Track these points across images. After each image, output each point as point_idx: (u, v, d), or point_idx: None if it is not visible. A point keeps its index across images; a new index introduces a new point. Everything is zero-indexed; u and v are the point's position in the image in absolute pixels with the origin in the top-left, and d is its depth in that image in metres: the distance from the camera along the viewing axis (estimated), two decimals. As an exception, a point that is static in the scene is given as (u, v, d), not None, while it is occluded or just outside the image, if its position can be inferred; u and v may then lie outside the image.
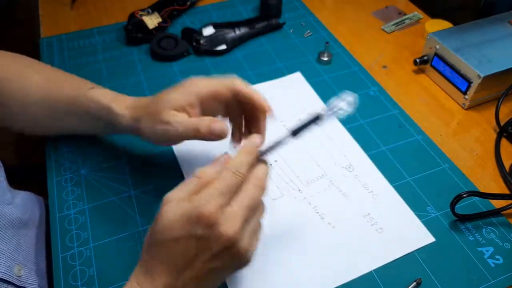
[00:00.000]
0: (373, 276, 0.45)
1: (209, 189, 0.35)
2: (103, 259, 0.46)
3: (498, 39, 0.65)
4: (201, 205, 0.34)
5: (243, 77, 0.67)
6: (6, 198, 0.50)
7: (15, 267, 0.46)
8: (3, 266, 0.44)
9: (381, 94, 0.66)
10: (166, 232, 0.34)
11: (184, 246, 0.34)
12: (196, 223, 0.34)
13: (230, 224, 0.34)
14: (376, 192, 0.53)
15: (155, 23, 0.74)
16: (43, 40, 0.74)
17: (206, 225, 0.33)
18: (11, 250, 0.46)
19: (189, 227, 0.34)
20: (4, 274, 0.44)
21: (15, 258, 0.46)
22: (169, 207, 0.35)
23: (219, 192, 0.35)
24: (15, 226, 0.48)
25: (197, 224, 0.34)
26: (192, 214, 0.34)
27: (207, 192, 0.35)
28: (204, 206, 0.33)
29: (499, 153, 0.58)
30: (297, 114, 0.62)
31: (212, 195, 0.34)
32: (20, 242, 0.49)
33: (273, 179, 0.54)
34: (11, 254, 0.46)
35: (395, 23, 0.80)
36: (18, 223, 0.49)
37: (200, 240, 0.34)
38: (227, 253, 0.35)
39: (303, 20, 0.80)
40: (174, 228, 0.34)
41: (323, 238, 0.48)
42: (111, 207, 0.51)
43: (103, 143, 0.58)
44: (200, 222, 0.33)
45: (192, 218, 0.34)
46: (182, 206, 0.34)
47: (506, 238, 0.49)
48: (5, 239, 0.46)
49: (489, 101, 0.65)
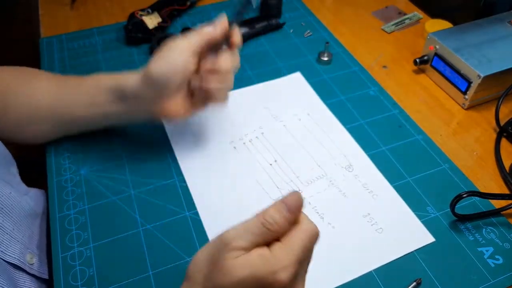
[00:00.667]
0: (373, 276, 0.45)
1: (287, 253, 0.31)
2: (103, 259, 0.46)
3: (498, 39, 0.65)
4: (278, 271, 0.30)
5: (243, 77, 0.68)
6: (21, 189, 0.51)
7: (27, 254, 0.47)
8: (17, 253, 0.45)
9: (381, 94, 0.66)
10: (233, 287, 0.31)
11: None
12: (269, 286, 0.31)
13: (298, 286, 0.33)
14: (376, 192, 0.53)
15: (155, 23, 0.74)
16: (43, 40, 0.74)
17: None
18: (26, 238, 0.47)
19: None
20: (18, 260, 0.45)
21: (28, 246, 0.47)
22: (237, 261, 0.31)
23: (299, 257, 0.31)
24: (29, 216, 0.50)
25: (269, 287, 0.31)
26: (267, 278, 0.30)
27: (285, 255, 0.31)
28: (282, 273, 0.30)
29: (499, 153, 0.58)
30: (297, 114, 0.62)
31: (290, 262, 0.31)
32: (33, 232, 0.50)
33: (273, 179, 0.54)
34: (26, 242, 0.47)
35: (395, 23, 0.80)
36: (32, 213, 0.51)
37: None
38: None
39: (303, 20, 0.80)
40: (241, 285, 0.31)
41: (323, 238, 0.48)
42: (111, 207, 0.51)
43: (103, 143, 0.58)
44: (272, 286, 0.31)
45: (265, 282, 0.30)
46: (254, 265, 0.31)
47: (506, 238, 0.49)
48: (21, 227, 0.47)
49: (489, 101, 0.65)
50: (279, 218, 0.32)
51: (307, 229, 0.32)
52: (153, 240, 0.48)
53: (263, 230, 0.31)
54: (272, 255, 0.31)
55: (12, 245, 0.45)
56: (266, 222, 0.32)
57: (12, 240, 0.45)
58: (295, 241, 0.32)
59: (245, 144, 0.58)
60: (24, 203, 0.49)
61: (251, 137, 0.59)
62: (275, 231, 0.32)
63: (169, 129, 0.60)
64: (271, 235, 0.32)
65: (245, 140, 0.59)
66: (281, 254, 0.31)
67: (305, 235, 0.32)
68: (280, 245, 0.32)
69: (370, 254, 0.47)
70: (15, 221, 0.47)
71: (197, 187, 0.53)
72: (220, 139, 0.59)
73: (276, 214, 0.32)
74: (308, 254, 0.33)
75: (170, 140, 0.58)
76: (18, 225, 0.47)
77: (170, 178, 0.54)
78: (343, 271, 0.46)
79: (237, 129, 0.60)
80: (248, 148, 0.58)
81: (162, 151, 0.57)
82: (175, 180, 0.54)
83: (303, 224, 0.33)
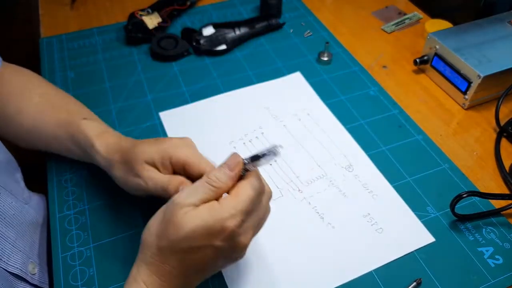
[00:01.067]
0: (373, 276, 0.45)
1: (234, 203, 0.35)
2: (103, 259, 0.46)
3: (498, 39, 0.65)
4: (225, 218, 0.34)
5: (243, 77, 0.68)
6: (24, 197, 0.51)
7: (29, 264, 0.46)
8: (19, 262, 0.45)
9: (381, 94, 0.66)
10: (186, 241, 0.34)
11: (202, 254, 0.35)
12: (218, 234, 0.34)
13: (246, 236, 0.36)
14: (376, 192, 0.53)
15: (155, 23, 0.74)
16: (43, 40, 0.74)
17: (227, 238, 0.34)
18: (28, 248, 0.47)
19: (211, 238, 0.34)
20: (20, 270, 0.44)
21: (30, 256, 0.47)
22: (187, 215, 0.34)
23: (244, 208, 0.35)
24: (31, 225, 0.50)
25: (219, 236, 0.34)
26: (215, 226, 0.34)
27: (231, 205, 0.35)
28: (228, 220, 0.34)
29: (499, 153, 0.58)
30: (297, 114, 0.62)
31: (236, 210, 0.34)
32: (35, 241, 0.50)
33: (273, 179, 0.54)
34: (27, 251, 0.47)
35: (395, 23, 0.80)
36: (34, 222, 0.50)
37: (218, 249, 0.35)
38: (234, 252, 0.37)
39: (303, 20, 0.80)
40: (195, 238, 0.34)
41: (323, 238, 0.48)
42: (111, 207, 0.51)
43: (103, 143, 0.58)
44: (222, 234, 0.34)
45: (214, 230, 0.34)
46: (202, 216, 0.34)
47: (506, 238, 0.49)
48: (23, 236, 0.47)
49: (489, 101, 0.65)
50: (220, 175, 0.36)
51: (255, 184, 0.36)
52: (153, 240, 0.48)
53: (209, 187, 0.35)
54: (219, 206, 0.35)
55: (14, 255, 0.44)
56: (210, 180, 0.36)
57: (14, 250, 0.45)
58: (241, 193, 0.35)
59: (245, 144, 0.58)
60: (25, 212, 0.49)
61: (251, 137, 0.59)
62: (219, 187, 0.36)
63: (170, 129, 0.60)
64: (216, 191, 0.35)
65: (245, 140, 0.59)
66: (227, 204, 0.35)
67: (251, 188, 0.36)
68: (228, 197, 0.35)
69: (370, 254, 0.47)
70: (17, 231, 0.46)
71: (197, 187, 0.53)
72: (220, 139, 0.59)
73: (217, 172, 0.36)
74: (256, 207, 0.36)
75: (170, 140, 0.58)
76: (20, 235, 0.47)
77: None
78: (343, 271, 0.46)
79: (237, 129, 0.60)
80: (248, 148, 0.57)
81: (162, 151, 0.57)
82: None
83: (252, 180, 0.36)
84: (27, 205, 0.50)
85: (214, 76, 0.68)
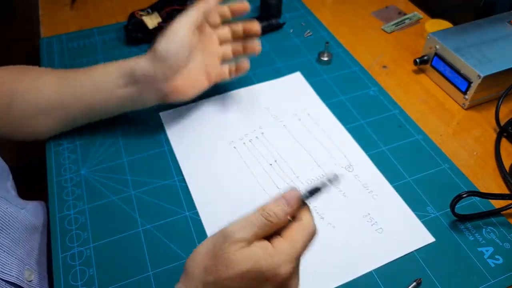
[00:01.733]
0: (373, 276, 0.45)
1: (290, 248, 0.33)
2: (103, 259, 0.46)
3: (498, 39, 0.65)
4: (280, 265, 0.32)
5: (243, 77, 0.68)
6: (19, 203, 0.51)
7: (25, 271, 0.46)
8: (15, 270, 0.44)
9: (381, 94, 0.66)
10: (236, 282, 0.32)
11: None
12: (270, 280, 0.33)
13: (295, 280, 0.34)
14: (376, 192, 0.53)
15: (155, 23, 0.74)
16: (43, 40, 0.74)
17: (278, 284, 0.33)
18: (24, 254, 0.47)
19: (262, 282, 0.33)
20: (16, 278, 0.44)
21: (27, 262, 0.47)
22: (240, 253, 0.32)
23: (298, 253, 0.33)
24: (28, 230, 0.49)
25: (271, 281, 0.33)
26: (269, 272, 0.32)
27: (287, 250, 0.33)
28: (282, 268, 0.32)
29: (499, 153, 0.58)
30: (297, 114, 0.62)
31: (292, 257, 0.33)
32: (33, 247, 0.49)
33: (273, 179, 0.54)
34: (24, 258, 0.46)
35: (395, 23, 0.80)
36: (31, 227, 0.50)
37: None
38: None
39: (303, 20, 0.80)
40: (246, 279, 0.32)
41: (323, 238, 0.48)
42: (111, 207, 0.51)
43: (103, 144, 0.58)
44: (274, 280, 0.33)
45: (267, 275, 0.32)
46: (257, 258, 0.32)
47: (506, 238, 0.49)
48: (19, 243, 0.47)
49: (489, 101, 0.65)
50: (278, 210, 0.34)
51: (308, 226, 0.34)
52: (153, 240, 0.48)
53: (264, 222, 0.33)
54: (274, 250, 0.33)
55: (9, 263, 0.44)
56: (267, 215, 0.33)
57: (10, 257, 0.44)
58: (297, 237, 0.33)
59: (245, 144, 0.58)
60: (22, 217, 0.48)
61: (251, 137, 0.59)
62: (275, 223, 0.33)
63: (170, 129, 0.60)
64: (271, 227, 0.33)
65: (245, 140, 0.59)
66: (283, 248, 0.33)
67: (306, 231, 0.34)
68: (282, 240, 0.33)
69: (370, 254, 0.47)
70: (13, 237, 0.46)
71: (197, 187, 0.53)
72: (220, 139, 0.59)
73: (275, 207, 0.34)
74: (307, 249, 0.34)
75: (170, 140, 0.58)
76: (16, 241, 0.46)
77: (170, 178, 0.54)
78: (343, 271, 0.46)
79: (237, 129, 0.60)
80: (248, 148, 0.58)
81: (162, 151, 0.57)
82: (175, 180, 0.54)
83: (305, 221, 0.34)
84: (23, 210, 0.50)
85: (214, 76, 0.68)
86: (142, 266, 0.46)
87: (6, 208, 0.47)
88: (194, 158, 0.56)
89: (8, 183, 0.53)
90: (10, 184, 0.53)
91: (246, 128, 0.60)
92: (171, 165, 0.55)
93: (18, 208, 0.49)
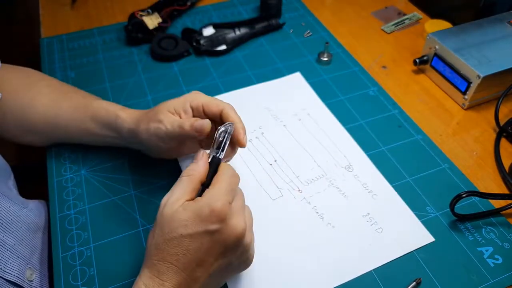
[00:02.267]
0: (373, 276, 0.45)
1: (216, 188, 0.37)
2: (103, 259, 0.47)
3: (498, 39, 0.65)
4: (212, 201, 0.35)
5: (243, 77, 0.68)
6: (21, 201, 0.51)
7: (27, 271, 0.46)
8: (16, 269, 0.44)
9: (380, 94, 0.66)
10: (178, 230, 0.35)
11: (198, 242, 0.35)
12: (209, 219, 0.35)
13: (238, 218, 0.36)
14: (375, 192, 0.53)
15: (155, 23, 0.74)
16: (43, 40, 0.74)
17: (218, 220, 0.35)
18: (27, 253, 0.47)
19: (203, 223, 0.35)
20: (17, 278, 0.44)
21: (29, 262, 0.47)
22: (174, 207, 0.36)
23: (226, 190, 0.37)
24: (31, 229, 0.49)
25: (210, 220, 0.35)
26: (204, 211, 0.35)
27: (214, 190, 0.37)
28: (215, 202, 0.35)
29: (499, 153, 0.58)
30: (297, 114, 0.62)
31: (220, 193, 0.36)
32: (35, 246, 0.49)
33: (273, 179, 0.54)
34: (27, 257, 0.47)
35: (395, 23, 0.80)
36: (33, 226, 0.50)
37: (214, 235, 0.35)
38: (238, 247, 0.37)
39: (303, 20, 0.80)
40: (187, 225, 0.35)
41: (322, 238, 0.48)
42: (111, 207, 0.51)
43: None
44: (212, 217, 0.35)
45: (204, 215, 0.35)
46: (189, 204, 0.36)
47: (506, 238, 0.49)
48: (23, 241, 0.47)
49: (489, 101, 0.65)
50: (190, 166, 0.39)
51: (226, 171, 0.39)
52: (153, 240, 0.48)
53: (184, 178, 0.38)
54: (202, 197, 0.37)
55: (11, 262, 0.44)
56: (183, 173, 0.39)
57: (12, 256, 0.44)
58: (218, 181, 0.38)
59: (245, 144, 0.58)
60: (24, 216, 0.49)
61: (251, 137, 0.59)
62: (192, 174, 0.39)
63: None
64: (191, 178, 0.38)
65: (245, 140, 0.59)
66: (209, 192, 0.37)
67: (226, 175, 0.38)
68: (207, 190, 0.37)
69: (370, 254, 0.47)
70: (16, 236, 0.46)
71: (197, 187, 0.53)
72: (220, 139, 0.59)
73: (188, 166, 0.39)
74: (233, 187, 0.38)
75: (170, 140, 0.58)
76: (19, 240, 0.46)
77: (170, 178, 0.54)
78: (343, 270, 0.46)
79: (237, 129, 0.60)
80: (248, 148, 0.58)
81: (162, 151, 0.57)
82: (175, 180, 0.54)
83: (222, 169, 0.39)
84: (25, 209, 0.50)
85: (214, 76, 0.68)
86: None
87: (9, 206, 0.47)
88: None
89: (10, 182, 0.53)
90: (12, 183, 0.53)
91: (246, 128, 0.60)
92: (171, 165, 0.55)
93: (21, 206, 0.49)
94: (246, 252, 0.38)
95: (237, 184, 0.40)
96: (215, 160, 0.41)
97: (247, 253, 0.39)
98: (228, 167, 0.40)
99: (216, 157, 0.41)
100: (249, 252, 0.39)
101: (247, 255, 0.39)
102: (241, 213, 0.38)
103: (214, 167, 0.40)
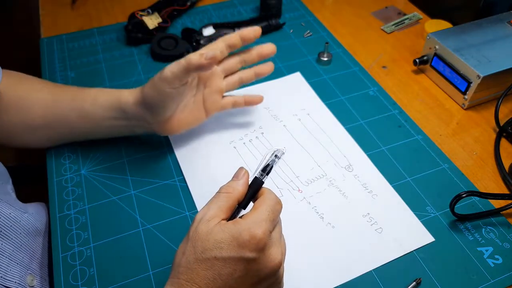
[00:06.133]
0: (373, 276, 0.45)
1: (259, 213, 0.35)
2: (103, 259, 0.47)
3: (497, 39, 0.65)
4: (253, 227, 0.34)
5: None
6: (21, 206, 0.50)
7: (28, 276, 0.45)
8: (17, 276, 0.44)
9: (380, 94, 0.66)
10: (212, 252, 0.33)
11: (231, 268, 0.33)
12: (247, 245, 0.33)
13: (276, 249, 0.35)
14: (375, 192, 0.53)
15: (155, 23, 0.74)
16: (43, 40, 0.74)
17: (257, 249, 0.33)
18: (27, 259, 0.46)
19: (240, 249, 0.33)
20: (18, 284, 0.43)
21: (29, 267, 0.46)
22: (210, 225, 0.34)
23: (269, 218, 0.35)
24: (30, 234, 0.49)
25: (248, 247, 0.33)
26: (243, 236, 0.33)
27: (257, 215, 0.35)
28: (257, 229, 0.33)
29: (499, 153, 0.58)
30: (297, 114, 0.62)
31: (262, 219, 0.35)
32: (35, 251, 0.49)
33: (273, 179, 0.54)
34: (26, 263, 0.46)
35: (395, 23, 0.80)
36: (33, 231, 0.49)
37: (249, 263, 0.34)
38: (271, 278, 0.35)
39: (303, 20, 0.80)
40: (222, 248, 0.33)
41: (322, 238, 0.48)
42: (111, 207, 0.51)
43: (103, 144, 0.58)
44: (251, 244, 0.33)
45: (242, 240, 0.33)
46: (227, 226, 0.34)
47: (506, 238, 0.49)
48: (22, 248, 0.46)
49: (489, 101, 0.65)
50: (230, 183, 0.38)
51: (268, 197, 0.37)
52: (153, 240, 0.48)
53: (222, 195, 0.37)
54: (243, 219, 0.35)
55: (11, 269, 0.43)
56: (221, 189, 0.37)
57: (12, 263, 0.44)
58: (260, 206, 0.36)
59: (245, 144, 0.58)
60: (24, 221, 0.48)
61: (251, 137, 0.59)
62: (231, 192, 0.37)
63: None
64: (229, 196, 0.37)
65: (245, 140, 0.59)
66: (250, 216, 0.35)
67: (268, 201, 0.36)
68: (248, 212, 0.36)
69: (370, 253, 0.47)
70: (15, 243, 0.45)
71: (197, 187, 0.53)
72: (220, 139, 0.59)
73: (227, 183, 0.38)
74: (277, 217, 0.37)
75: (170, 140, 0.58)
76: (18, 246, 0.46)
77: (170, 178, 0.54)
78: (343, 271, 0.46)
79: (237, 129, 0.60)
80: (248, 148, 0.58)
81: (162, 151, 0.57)
82: (175, 180, 0.54)
83: (265, 194, 0.38)
84: (26, 214, 0.49)
85: (214, 76, 0.68)
86: (142, 266, 0.46)
87: (10, 213, 0.46)
88: (194, 158, 0.56)
89: (8, 186, 0.52)
90: (10, 187, 0.53)
91: (246, 128, 0.60)
92: (171, 165, 0.56)
93: (21, 212, 0.48)
94: (278, 284, 0.37)
95: (279, 213, 0.37)
96: (257, 182, 0.39)
97: (279, 284, 0.37)
98: (271, 192, 0.38)
99: (259, 179, 0.39)
100: (281, 284, 0.37)
101: (278, 286, 0.37)
102: (279, 244, 0.36)
103: (254, 189, 0.38)
